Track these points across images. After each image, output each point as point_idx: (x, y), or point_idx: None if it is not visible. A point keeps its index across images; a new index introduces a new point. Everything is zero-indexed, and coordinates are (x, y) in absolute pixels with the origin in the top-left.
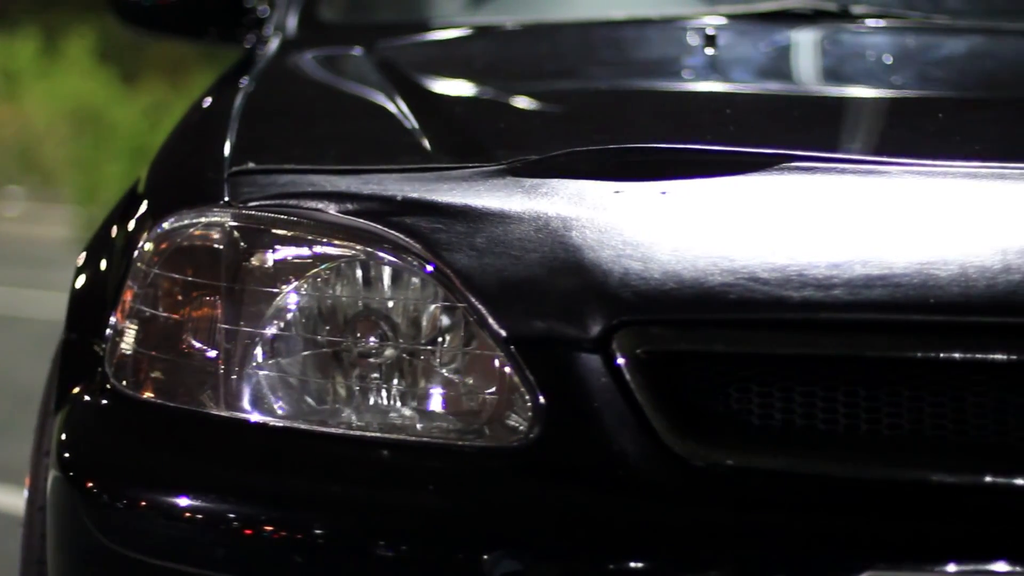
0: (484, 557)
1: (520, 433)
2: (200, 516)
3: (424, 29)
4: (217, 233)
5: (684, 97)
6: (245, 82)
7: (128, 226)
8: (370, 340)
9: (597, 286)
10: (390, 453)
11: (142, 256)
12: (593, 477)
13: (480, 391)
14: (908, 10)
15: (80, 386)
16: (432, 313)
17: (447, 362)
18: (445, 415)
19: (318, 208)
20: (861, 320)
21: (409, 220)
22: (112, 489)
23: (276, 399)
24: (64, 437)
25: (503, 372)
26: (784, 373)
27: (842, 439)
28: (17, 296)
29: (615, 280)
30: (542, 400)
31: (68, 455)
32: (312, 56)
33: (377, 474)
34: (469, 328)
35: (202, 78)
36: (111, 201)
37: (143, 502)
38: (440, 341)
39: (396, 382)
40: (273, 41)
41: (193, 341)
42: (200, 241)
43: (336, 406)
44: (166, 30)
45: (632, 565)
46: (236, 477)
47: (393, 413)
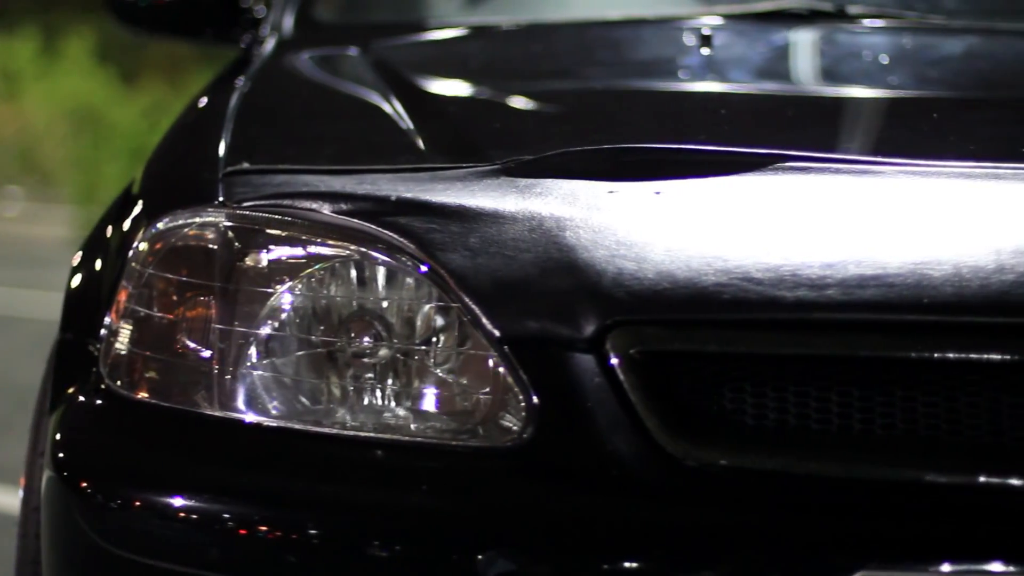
0: (478, 557)
1: (514, 433)
2: (194, 516)
3: (420, 29)
4: (212, 233)
5: (679, 97)
6: (241, 82)
7: (123, 226)
8: (364, 340)
9: (591, 286)
10: (384, 453)
11: (137, 256)
12: (587, 477)
13: (474, 391)
14: (904, 10)
15: (75, 386)
16: (426, 313)
17: (441, 362)
18: (439, 415)
19: (312, 208)
20: (855, 320)
21: (403, 220)
22: (106, 489)
23: (270, 399)
24: (58, 437)
25: (497, 372)
26: (778, 373)
27: (836, 439)
28: (16, 296)
29: (609, 280)
30: (536, 400)
31: (62, 455)
32: (308, 56)
33: (371, 474)
34: (463, 328)
35: (201, 78)
36: (110, 201)
37: (137, 502)
38: (434, 341)
39: (390, 382)
40: (269, 41)
41: (188, 341)
42: (195, 241)
43: (330, 406)
44: (162, 30)
45: (625, 565)
46: (230, 477)
47: (387, 413)
